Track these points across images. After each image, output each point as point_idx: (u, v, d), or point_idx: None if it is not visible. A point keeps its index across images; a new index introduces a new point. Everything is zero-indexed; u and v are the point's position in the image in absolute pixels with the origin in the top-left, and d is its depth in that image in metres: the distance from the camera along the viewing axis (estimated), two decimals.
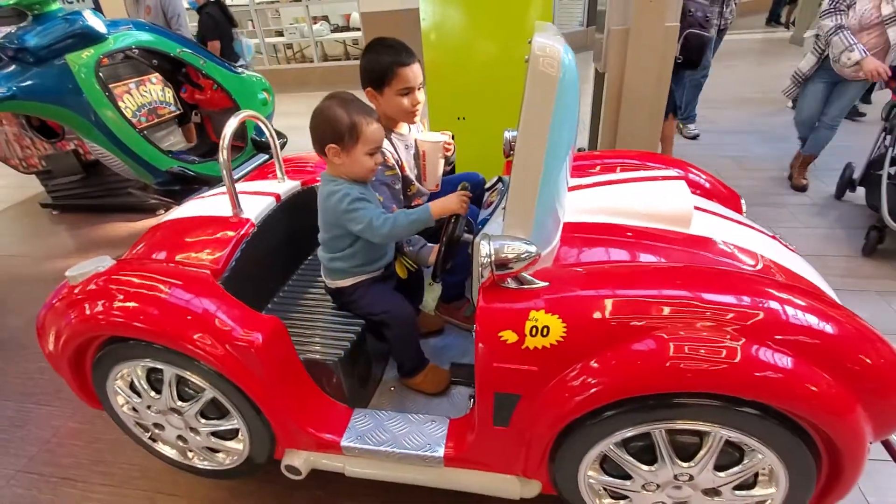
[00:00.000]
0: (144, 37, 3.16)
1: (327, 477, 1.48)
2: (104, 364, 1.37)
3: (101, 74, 2.88)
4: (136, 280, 1.32)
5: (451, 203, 1.33)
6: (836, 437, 0.98)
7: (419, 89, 1.55)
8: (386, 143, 1.56)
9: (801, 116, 3.13)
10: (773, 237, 1.42)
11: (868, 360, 0.98)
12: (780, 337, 0.97)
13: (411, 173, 1.67)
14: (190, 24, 4.59)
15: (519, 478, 1.26)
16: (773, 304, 1.00)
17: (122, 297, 1.28)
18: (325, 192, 1.38)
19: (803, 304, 1.02)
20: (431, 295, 1.92)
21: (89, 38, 2.83)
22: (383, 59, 1.48)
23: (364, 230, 1.34)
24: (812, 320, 1.00)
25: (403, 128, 1.65)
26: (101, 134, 2.89)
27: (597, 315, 1.02)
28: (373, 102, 1.58)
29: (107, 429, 1.82)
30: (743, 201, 1.74)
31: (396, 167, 1.57)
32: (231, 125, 1.49)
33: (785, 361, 0.95)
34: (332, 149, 1.32)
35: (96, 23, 2.88)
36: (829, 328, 0.99)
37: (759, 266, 1.23)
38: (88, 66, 2.79)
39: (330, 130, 1.31)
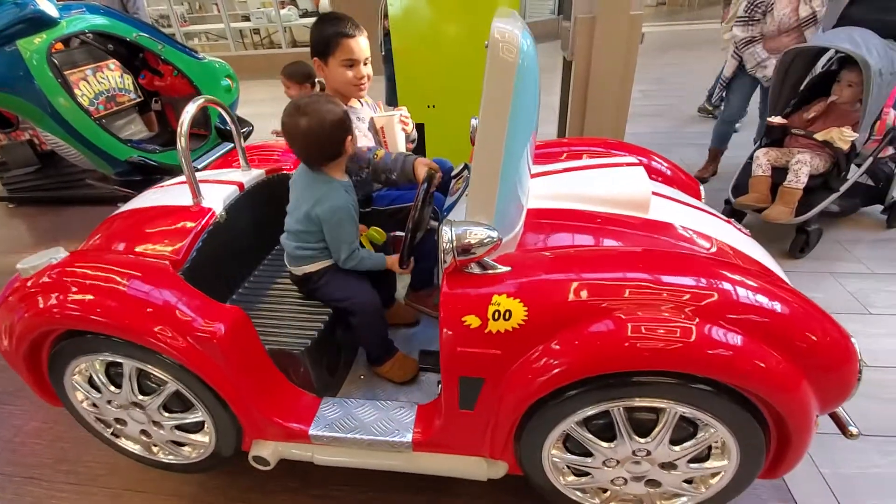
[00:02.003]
0: (98, 20, 3.05)
1: (299, 467, 1.47)
2: (60, 359, 1.33)
3: (54, 61, 2.77)
4: (91, 272, 1.28)
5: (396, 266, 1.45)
6: (782, 411, 1.03)
7: (365, 63, 1.56)
8: None
9: (729, 113, 3.13)
10: (728, 221, 1.47)
11: (814, 337, 1.03)
12: (731, 316, 1.01)
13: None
14: (148, 8, 4.41)
15: (486, 460, 1.28)
16: (725, 286, 1.04)
17: (76, 289, 1.24)
18: (329, 194, 1.36)
19: (754, 284, 1.06)
20: (401, 283, 1.92)
21: (41, 22, 2.74)
22: (328, 30, 1.51)
23: (332, 247, 1.41)
24: (762, 300, 1.04)
25: (354, 102, 1.66)
26: (55, 123, 2.80)
27: (557, 298, 1.04)
28: (319, 73, 1.61)
29: (70, 427, 1.78)
30: (702, 188, 1.80)
31: None
32: (189, 111, 1.45)
33: (735, 339, 0.99)
34: (350, 139, 1.35)
35: (48, 7, 2.78)
36: (777, 307, 1.04)
37: (714, 249, 1.28)
38: (40, 52, 2.70)
39: (343, 127, 1.32)
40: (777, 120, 2.49)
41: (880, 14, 2.34)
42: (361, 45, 1.53)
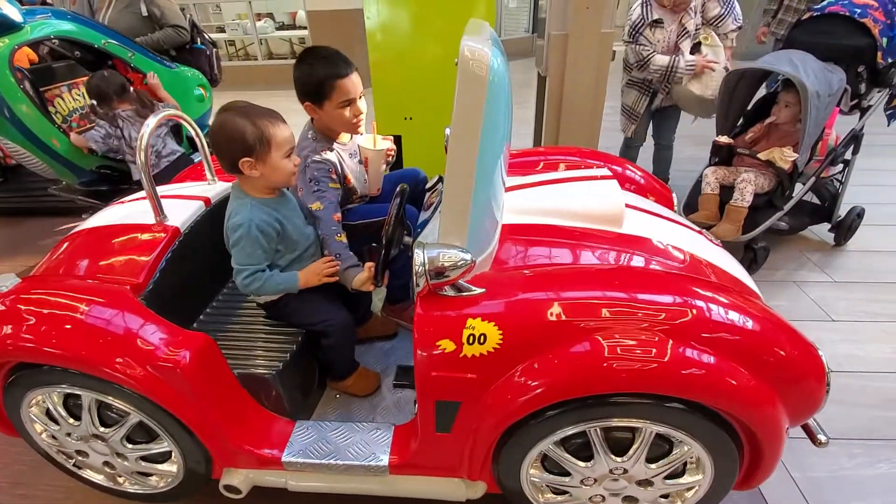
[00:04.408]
0: (65, 26, 2.92)
1: (273, 488, 1.43)
2: (15, 391, 1.26)
3: (29, 76, 2.66)
4: (45, 299, 1.21)
5: (313, 277, 1.37)
6: (754, 427, 1.04)
7: (360, 98, 1.47)
8: (332, 156, 1.50)
9: (632, 140, 3.03)
10: (700, 232, 1.49)
11: (783, 353, 1.05)
12: (704, 335, 1.01)
13: (358, 181, 1.62)
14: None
15: (464, 480, 1.27)
16: (699, 303, 1.05)
17: (30, 319, 1.17)
18: (231, 208, 1.31)
19: (726, 301, 1.07)
20: (377, 296, 1.89)
21: (2, 27, 2.61)
22: (318, 72, 1.39)
23: (237, 272, 1.32)
24: (733, 317, 1.05)
25: (344, 136, 1.58)
26: (16, 130, 2.67)
27: (532, 320, 1.02)
28: (312, 116, 1.51)
29: (27, 450, 1.66)
30: (675, 196, 1.81)
31: (339, 181, 1.51)
32: (149, 124, 1.38)
33: (708, 359, 1.00)
34: (247, 163, 1.24)
35: (10, 11, 2.65)
36: (748, 324, 1.05)
37: (687, 263, 1.28)
38: (2, 57, 2.57)
39: (239, 145, 1.22)
40: (723, 139, 2.52)
41: (820, 38, 2.40)
42: (355, 81, 1.43)
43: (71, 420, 1.27)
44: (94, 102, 2.70)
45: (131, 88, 2.83)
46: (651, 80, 2.70)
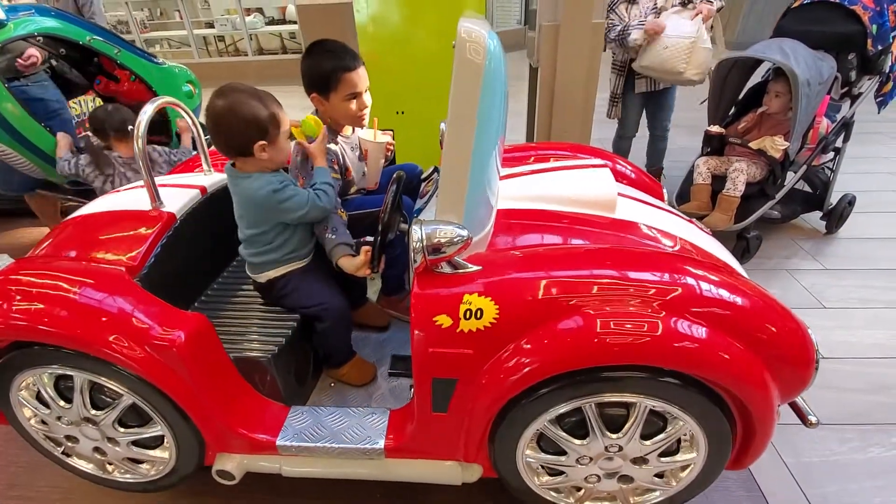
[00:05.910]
0: (49, 23, 2.91)
1: (268, 480, 1.42)
2: (5, 373, 1.24)
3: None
4: (38, 279, 1.21)
5: (319, 156, 1.41)
6: (746, 401, 1.05)
7: (366, 91, 1.51)
8: (335, 147, 1.52)
9: (625, 131, 3.04)
10: (691, 221, 1.52)
11: (773, 329, 1.07)
12: (695, 309, 1.03)
13: (357, 174, 1.65)
14: (106, 14, 4.26)
15: (460, 463, 1.27)
16: (689, 280, 1.07)
17: (22, 298, 1.16)
18: (248, 189, 1.31)
19: (716, 279, 1.10)
20: (373, 289, 1.89)
21: None
22: (326, 65, 1.43)
23: (307, 213, 1.33)
24: (724, 293, 1.07)
25: (347, 130, 1.61)
26: (2, 130, 2.65)
27: (527, 296, 1.04)
28: (318, 107, 1.54)
29: (23, 451, 1.66)
30: (665, 191, 1.85)
31: (340, 172, 1.54)
32: (146, 111, 1.39)
33: (700, 332, 1.02)
34: (262, 145, 1.27)
35: None
36: (738, 300, 1.07)
37: (678, 247, 1.31)
38: None
39: (254, 127, 1.24)
40: (714, 129, 2.54)
41: (810, 25, 2.42)
42: (362, 75, 1.47)
43: (62, 403, 1.26)
44: (90, 133, 2.60)
45: (130, 128, 2.74)
46: (622, 59, 2.74)
